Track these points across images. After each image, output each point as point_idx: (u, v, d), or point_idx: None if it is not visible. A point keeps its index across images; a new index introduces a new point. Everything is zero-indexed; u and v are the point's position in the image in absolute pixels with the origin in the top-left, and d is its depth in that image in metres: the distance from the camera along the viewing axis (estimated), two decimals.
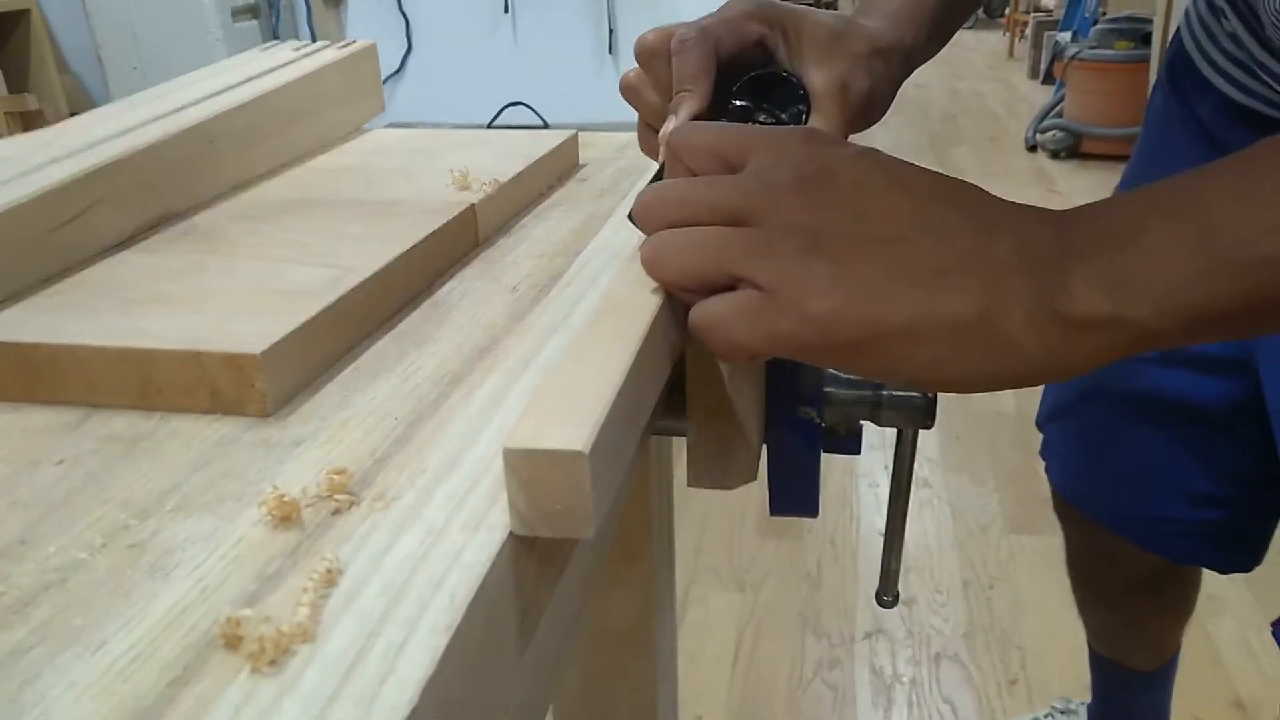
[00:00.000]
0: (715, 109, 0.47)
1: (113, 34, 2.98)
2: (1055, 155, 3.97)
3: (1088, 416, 0.89)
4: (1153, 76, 3.18)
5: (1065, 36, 4.50)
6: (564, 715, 0.84)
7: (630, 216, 0.41)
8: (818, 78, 0.48)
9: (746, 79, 0.48)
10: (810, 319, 0.34)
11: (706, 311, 0.36)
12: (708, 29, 0.47)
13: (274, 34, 3.08)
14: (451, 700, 0.26)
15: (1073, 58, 3.88)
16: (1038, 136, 4.07)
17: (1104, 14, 4.43)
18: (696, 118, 0.46)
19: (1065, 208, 0.37)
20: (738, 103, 0.48)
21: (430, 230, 0.51)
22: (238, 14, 3.01)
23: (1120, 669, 1.09)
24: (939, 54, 0.58)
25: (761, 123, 0.48)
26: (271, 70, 0.70)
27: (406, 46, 3.16)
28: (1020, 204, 0.37)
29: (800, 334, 0.34)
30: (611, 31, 3.01)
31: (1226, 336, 0.35)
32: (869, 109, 0.50)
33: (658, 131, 0.48)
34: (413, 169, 0.64)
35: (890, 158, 0.37)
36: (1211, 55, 0.72)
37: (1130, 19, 3.84)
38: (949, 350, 0.34)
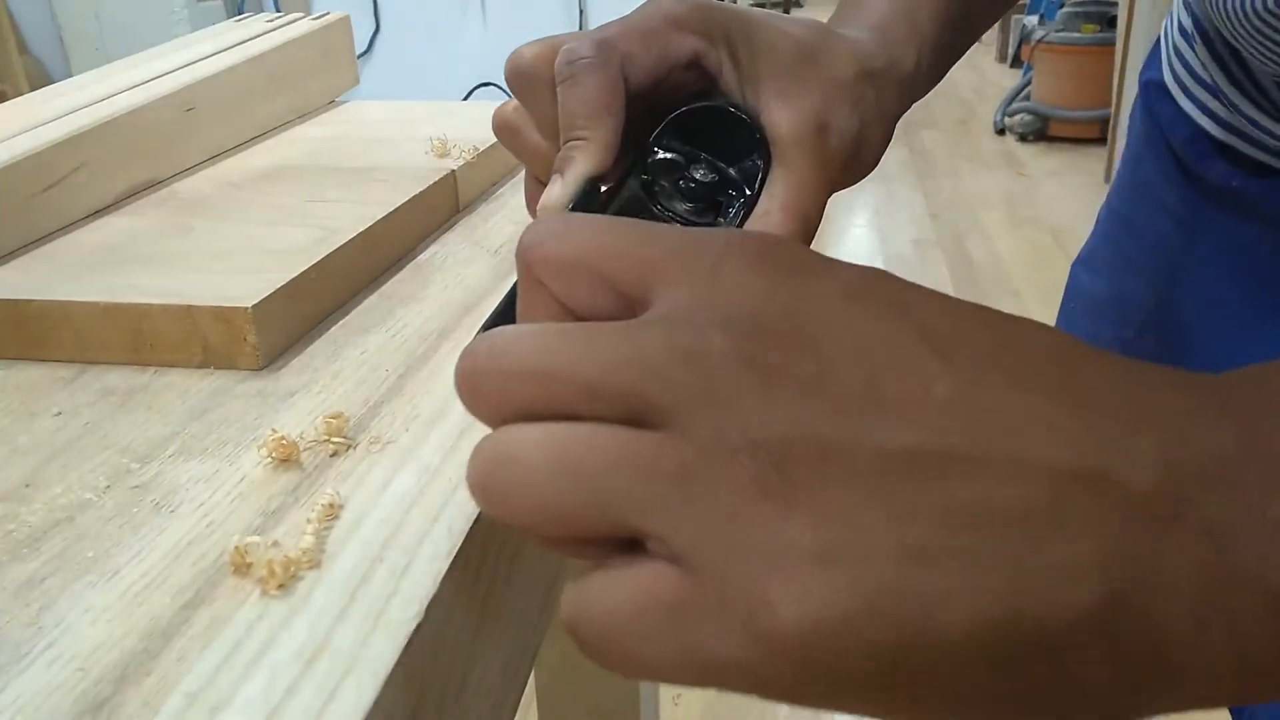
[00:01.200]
0: (627, 164, 0.33)
1: (74, 14, 2.94)
2: (1023, 138, 4.01)
3: None
4: (1117, 60, 3.23)
5: (1032, 20, 4.55)
6: (546, 697, 0.86)
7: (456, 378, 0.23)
8: (783, 115, 0.33)
9: (675, 116, 0.34)
10: (774, 638, 0.18)
11: (589, 610, 0.20)
12: (611, 44, 0.32)
13: (239, 13, 3.05)
14: (451, 621, 0.27)
15: (1039, 41, 3.92)
16: (1006, 120, 4.12)
17: None
18: (596, 182, 0.32)
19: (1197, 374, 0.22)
20: (661, 155, 0.34)
21: (412, 195, 0.52)
22: None
23: None
24: None
25: (697, 184, 0.33)
26: (245, 41, 0.71)
27: (374, 26, 3.14)
28: (1142, 364, 0.21)
29: (757, 664, 0.18)
30: (582, 11, 3.00)
31: None
32: (857, 158, 0.35)
33: (540, 184, 0.35)
34: (391, 138, 0.65)
35: (905, 287, 0.22)
36: (1186, 83, 0.66)
37: (1096, 2, 3.89)
38: (1044, 677, 0.18)
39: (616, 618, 0.19)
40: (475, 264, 0.50)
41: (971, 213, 3.19)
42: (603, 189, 0.32)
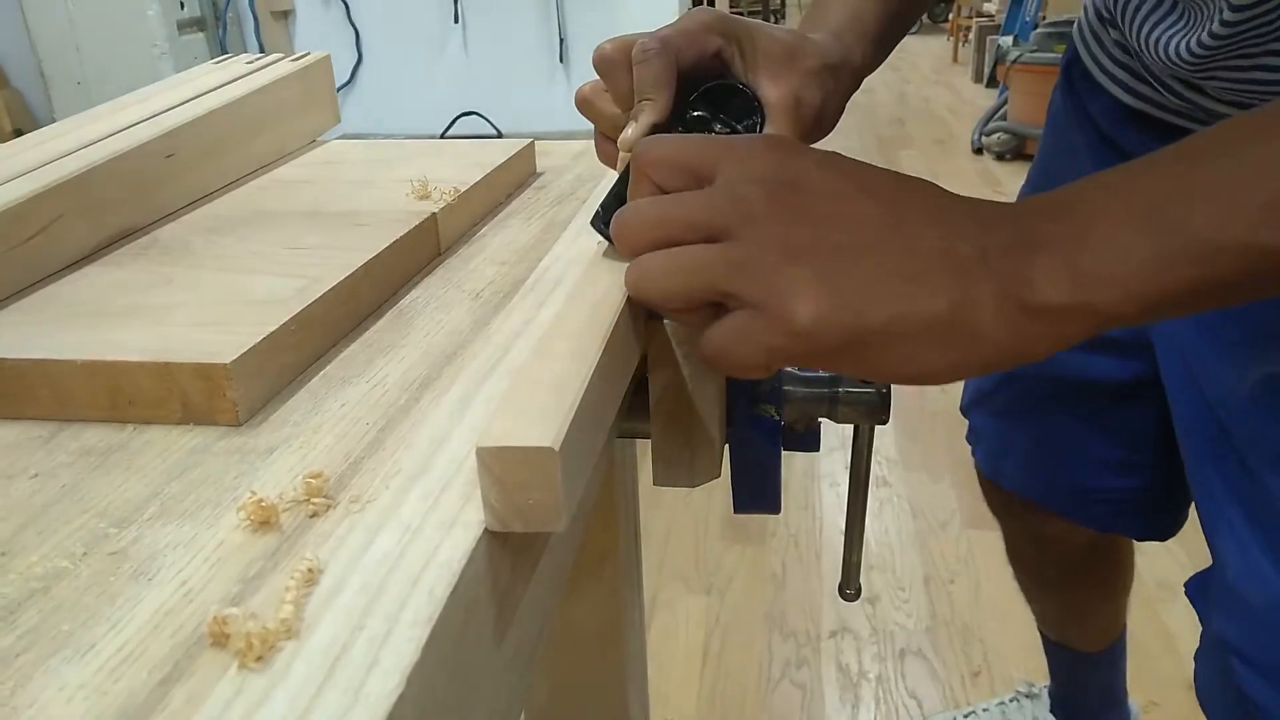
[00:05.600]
0: (673, 118, 0.49)
1: (55, 48, 2.93)
2: (1000, 157, 4.05)
3: (1004, 399, 0.94)
4: None
5: (1007, 40, 4.60)
6: (536, 718, 0.85)
7: (600, 229, 0.44)
8: (772, 91, 0.49)
9: (703, 89, 0.50)
10: (797, 331, 0.35)
11: (713, 342, 0.37)
12: (668, 40, 0.48)
13: (221, 47, 3.05)
14: (434, 690, 0.27)
15: (1014, 61, 3.97)
16: (983, 139, 4.16)
17: (1044, 18, 4.54)
18: (656, 127, 0.47)
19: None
20: (695, 113, 0.50)
21: (392, 240, 0.52)
22: (183, 27, 2.97)
23: (1069, 651, 1.14)
24: (886, 60, 0.61)
25: (718, 132, 0.50)
26: (226, 84, 0.71)
27: (357, 58, 3.15)
28: (976, 200, 0.39)
29: (790, 346, 0.36)
30: (562, 41, 3.02)
31: (1180, 314, 0.38)
32: (820, 122, 0.52)
33: (615, 141, 0.50)
34: (371, 179, 0.65)
35: (852, 161, 0.39)
36: (1101, 60, 0.77)
37: (1069, 22, 3.94)
38: (925, 346, 0.36)
39: (730, 342, 0.37)
40: (456, 309, 0.49)
41: None
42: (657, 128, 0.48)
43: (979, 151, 4.18)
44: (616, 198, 0.47)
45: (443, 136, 3.05)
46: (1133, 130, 0.75)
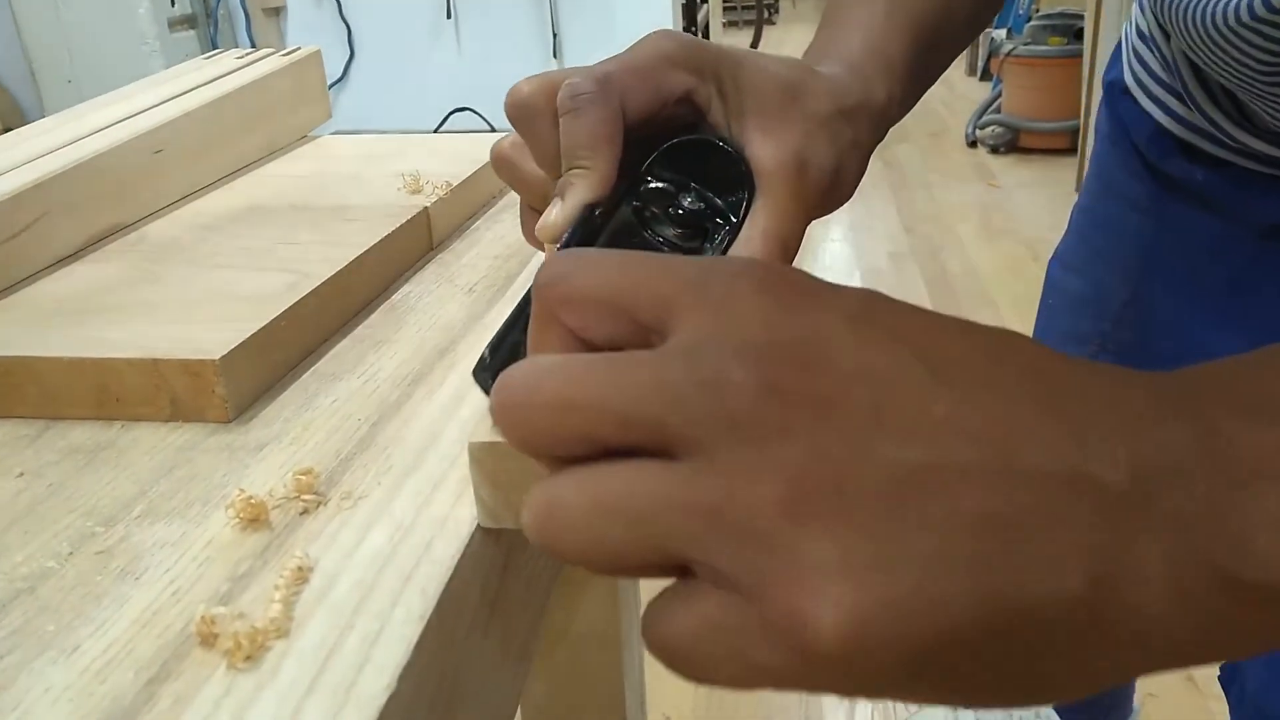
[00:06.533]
0: (622, 191, 0.34)
1: (45, 47, 2.92)
2: (995, 150, 4.05)
3: None
4: (1085, 71, 3.26)
5: (1000, 33, 4.60)
6: (532, 717, 0.84)
7: (483, 383, 0.30)
8: (766, 149, 0.35)
9: (667, 148, 0.35)
10: (814, 651, 0.20)
11: (663, 633, 0.22)
12: (611, 79, 0.34)
13: (212, 44, 3.04)
14: (426, 689, 0.26)
15: (1008, 54, 3.96)
16: (977, 132, 4.15)
17: (1037, 10, 4.54)
18: (592, 209, 0.33)
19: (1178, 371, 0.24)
20: (653, 183, 0.35)
21: (384, 234, 0.52)
22: (174, 25, 2.96)
23: None
24: None
25: (685, 211, 0.35)
26: (216, 79, 0.70)
27: (349, 54, 3.14)
28: (1106, 370, 0.23)
29: (804, 673, 0.21)
30: (555, 35, 3.02)
31: None
32: (835, 190, 0.37)
33: (536, 214, 0.36)
34: (363, 174, 0.64)
35: (899, 309, 0.24)
36: (1146, 83, 0.68)
37: (1062, 15, 3.94)
38: (1045, 654, 0.21)
39: (683, 642, 0.22)
40: (449, 304, 0.49)
41: (945, 225, 3.21)
42: (597, 213, 0.34)
43: (973, 145, 4.18)
44: (512, 347, 0.30)
45: (436, 132, 3.04)
46: (1183, 159, 0.67)
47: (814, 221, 0.38)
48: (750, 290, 0.23)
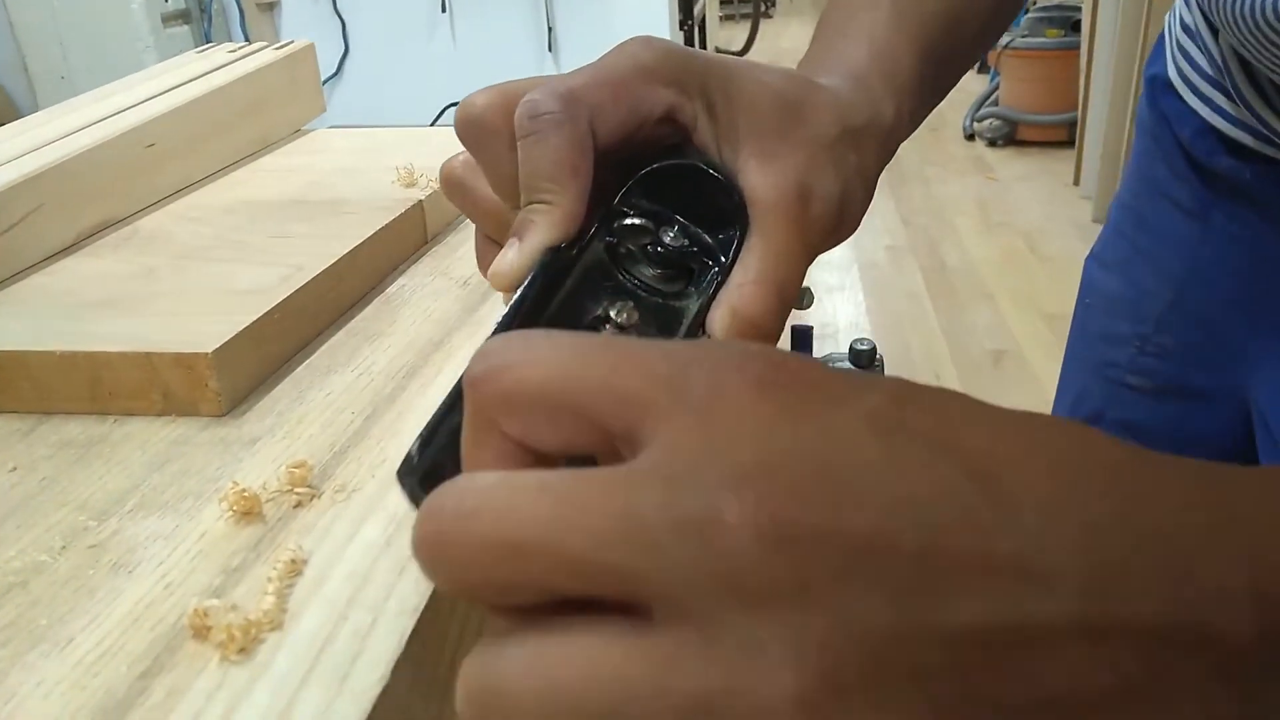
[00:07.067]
0: (595, 225, 0.29)
1: (38, 43, 2.91)
2: (992, 143, 4.04)
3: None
4: (1083, 63, 3.26)
5: None
6: None
7: (411, 491, 0.22)
8: (763, 178, 0.30)
9: (645, 174, 0.30)
10: None
11: None
12: (577, 96, 0.29)
13: (206, 39, 3.03)
14: (419, 681, 0.26)
15: (1005, 47, 3.96)
16: (975, 125, 4.15)
17: (1034, 3, 4.53)
18: (557, 250, 0.28)
19: None
20: (629, 219, 0.30)
21: (378, 227, 0.51)
22: (168, 20, 2.95)
23: None
24: None
25: (666, 248, 0.30)
26: (209, 72, 0.70)
27: (343, 49, 3.13)
28: (1209, 472, 0.19)
29: None
30: (551, 29, 3.01)
31: None
32: (839, 224, 0.32)
33: (492, 245, 0.32)
34: (357, 167, 0.64)
35: (939, 404, 0.19)
36: (1191, 78, 0.64)
37: (1059, 7, 3.93)
38: None
39: None
40: (444, 297, 0.49)
41: (943, 218, 3.21)
42: (562, 253, 0.29)
43: (970, 138, 4.18)
44: (442, 443, 0.23)
45: (431, 126, 3.03)
46: (1230, 158, 0.62)
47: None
48: (743, 389, 0.18)
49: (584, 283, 0.29)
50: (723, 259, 0.30)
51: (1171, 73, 0.68)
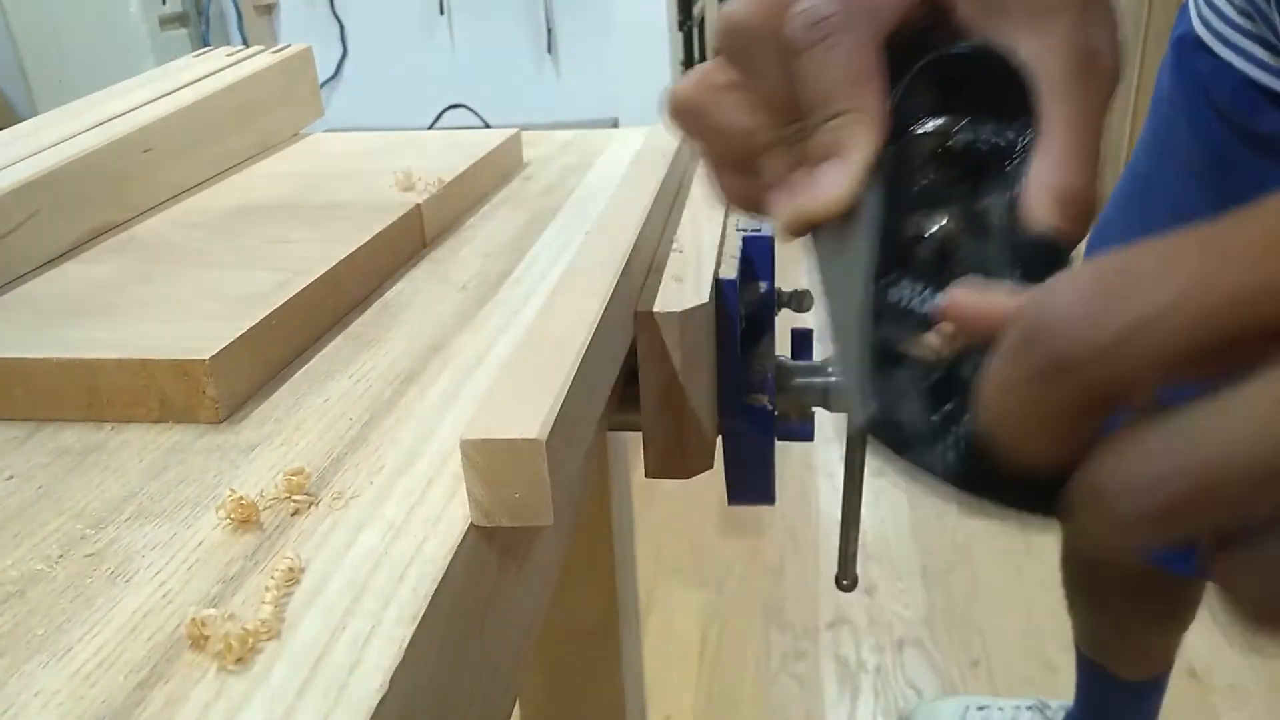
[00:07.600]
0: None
1: (36, 46, 2.90)
2: None
3: None
4: None
5: None
6: (531, 716, 0.84)
7: (885, 439, 0.23)
8: (1043, 47, 0.27)
9: (922, 68, 0.28)
10: None
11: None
12: None
13: (204, 42, 3.02)
14: (419, 690, 0.26)
15: None
16: None
17: None
18: (873, 167, 0.27)
19: None
20: (925, 125, 0.28)
21: (376, 231, 0.51)
22: (166, 23, 2.95)
23: (1106, 675, 1.07)
24: None
25: (958, 147, 0.28)
26: (206, 77, 0.69)
27: (342, 51, 3.13)
28: None
29: None
30: (550, 30, 3.01)
31: None
32: (1116, 82, 0.29)
33: (741, 173, 0.30)
34: (355, 171, 0.64)
35: None
36: (1223, 32, 0.61)
37: None
38: None
39: None
40: (442, 302, 0.49)
41: None
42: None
43: None
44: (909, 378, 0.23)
45: (430, 129, 3.03)
46: (1270, 110, 0.59)
47: None
48: None
49: (890, 200, 0.26)
50: (1018, 143, 0.27)
51: (1199, 29, 0.64)
